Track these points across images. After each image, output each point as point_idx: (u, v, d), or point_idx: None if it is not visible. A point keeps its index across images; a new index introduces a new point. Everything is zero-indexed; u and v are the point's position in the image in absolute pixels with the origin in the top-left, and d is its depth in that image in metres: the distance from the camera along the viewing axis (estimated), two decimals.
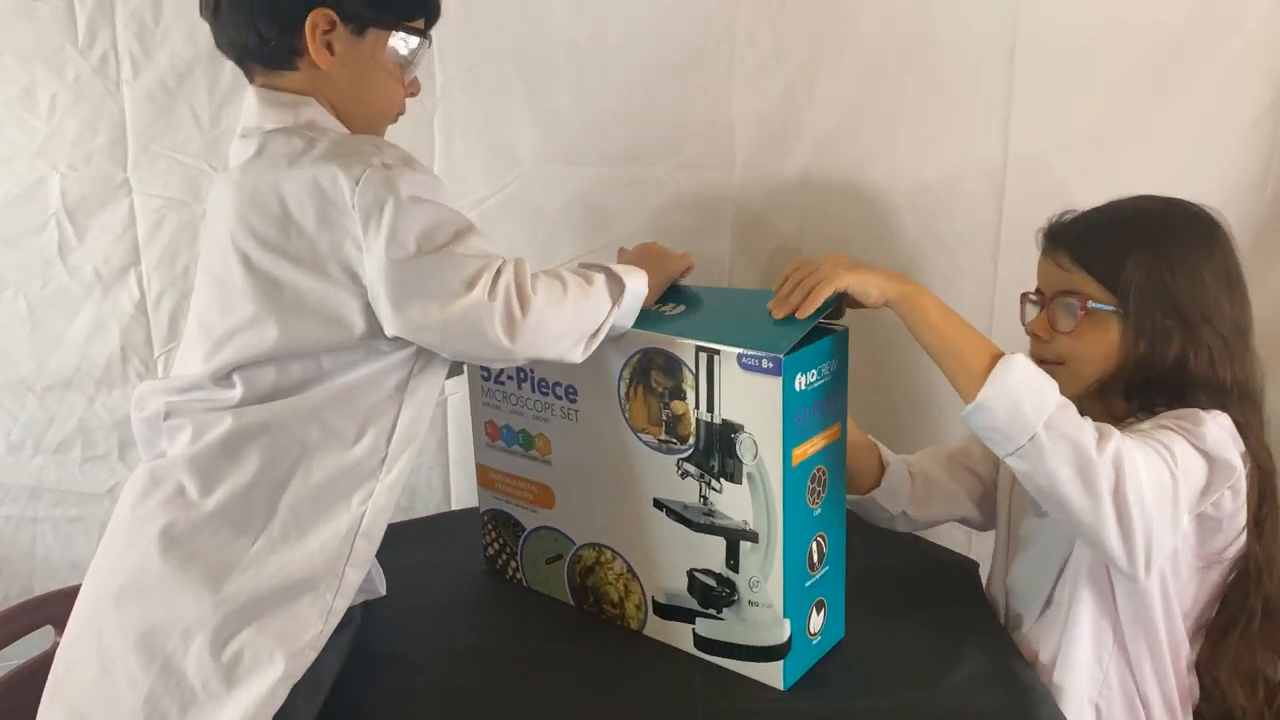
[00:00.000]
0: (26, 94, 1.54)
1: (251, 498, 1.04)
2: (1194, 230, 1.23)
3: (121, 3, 1.52)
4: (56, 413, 1.67)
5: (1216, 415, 1.17)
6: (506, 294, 1.00)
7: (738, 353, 1.04)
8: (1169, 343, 1.19)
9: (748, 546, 1.10)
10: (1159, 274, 1.19)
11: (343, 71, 1.08)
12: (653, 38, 1.61)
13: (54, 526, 1.72)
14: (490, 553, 1.38)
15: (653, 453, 1.14)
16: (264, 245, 1.03)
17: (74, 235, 1.60)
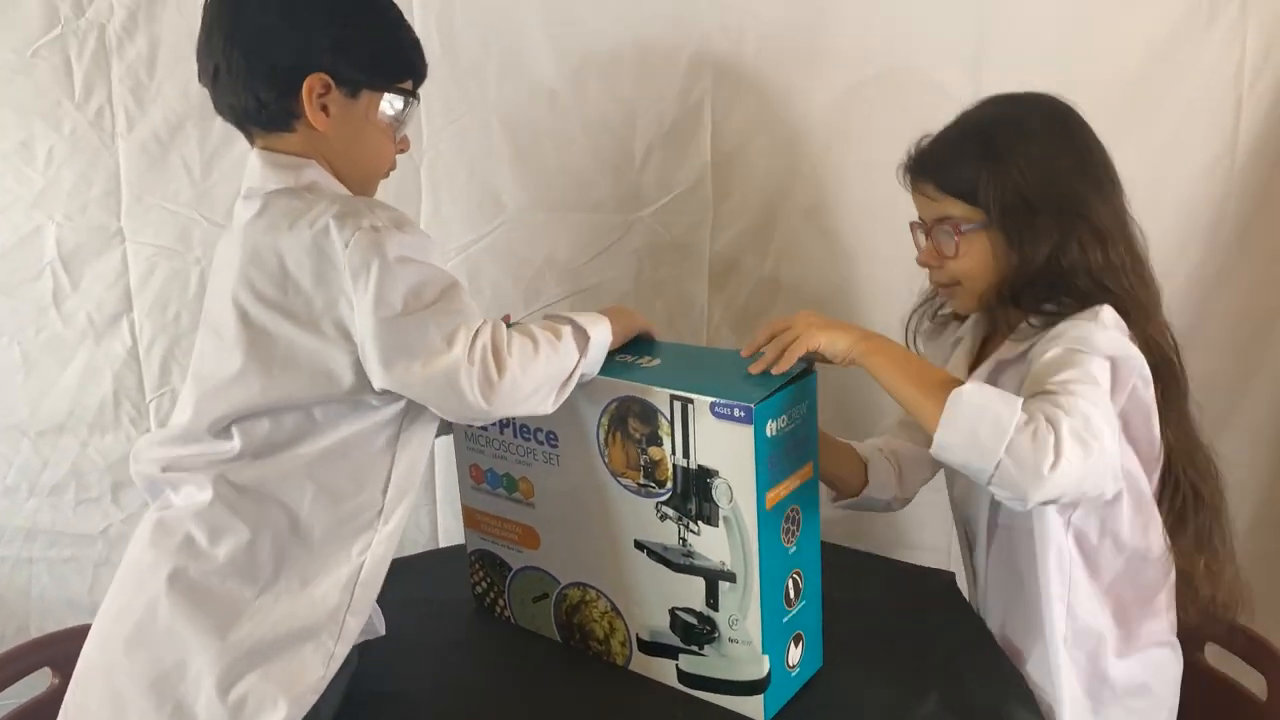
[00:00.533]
0: (24, 147, 1.57)
1: (256, 550, 1.07)
2: (1041, 128, 1.25)
3: (117, 59, 1.56)
4: (50, 456, 1.69)
5: (1100, 315, 1.19)
6: (483, 356, 1.04)
7: (710, 401, 1.08)
8: (1037, 243, 1.22)
9: (726, 586, 1.13)
10: (1012, 180, 1.21)
11: (338, 132, 1.12)
12: (631, 89, 1.66)
13: (49, 567, 1.74)
14: (478, 591, 1.40)
15: (632, 496, 1.18)
16: (262, 301, 1.07)
17: (68, 283, 1.63)
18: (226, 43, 1.10)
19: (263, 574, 1.08)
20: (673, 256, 1.74)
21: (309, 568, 1.09)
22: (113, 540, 1.74)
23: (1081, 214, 1.21)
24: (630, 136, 1.68)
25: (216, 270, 1.18)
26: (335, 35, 1.10)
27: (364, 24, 1.13)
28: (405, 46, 1.18)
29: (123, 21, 1.54)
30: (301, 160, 1.13)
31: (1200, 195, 1.71)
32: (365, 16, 1.14)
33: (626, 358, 1.21)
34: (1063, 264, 1.21)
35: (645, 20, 1.63)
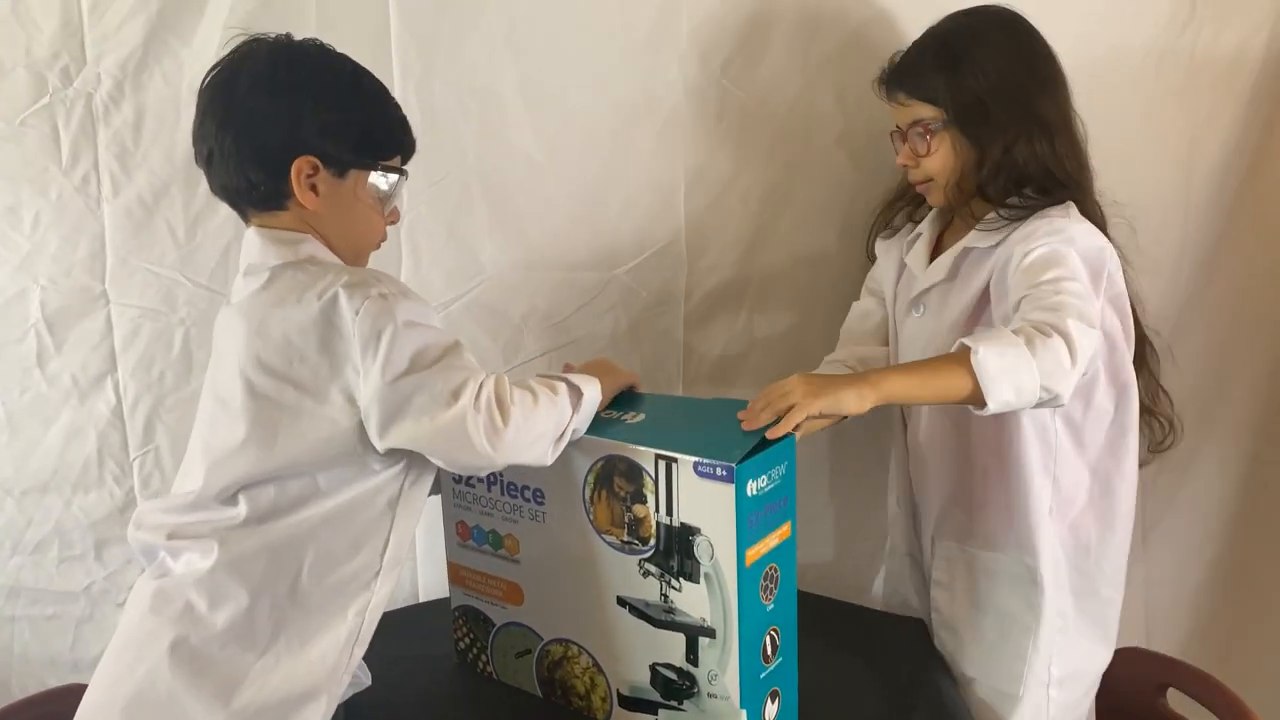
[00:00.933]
0: (11, 212, 1.59)
1: (256, 615, 1.09)
2: (993, 35, 1.39)
3: (104, 127, 1.58)
4: (34, 515, 1.70)
5: (1070, 211, 1.34)
6: (489, 408, 1.08)
7: (694, 461, 1.11)
8: (993, 138, 1.36)
9: (706, 642, 1.16)
10: (968, 82, 1.36)
11: (328, 209, 1.17)
12: (607, 151, 1.70)
13: (31, 625, 1.74)
14: (461, 646, 1.42)
15: (616, 553, 1.20)
16: (268, 372, 1.10)
17: (52, 345, 1.64)
18: (219, 128, 1.15)
19: (262, 638, 1.09)
20: (649, 312, 1.78)
21: (307, 629, 1.11)
22: (95, 598, 1.74)
23: (1031, 110, 1.36)
24: (606, 197, 1.72)
25: (219, 342, 1.21)
26: (322, 118, 1.14)
27: (350, 106, 1.17)
28: (391, 125, 1.22)
29: (109, 90, 1.56)
30: (298, 235, 1.17)
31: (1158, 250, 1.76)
32: (351, 99, 1.18)
33: (612, 413, 1.24)
34: (1017, 156, 1.36)
35: (619, 86, 1.67)
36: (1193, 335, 1.82)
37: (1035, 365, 1.14)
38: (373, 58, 1.56)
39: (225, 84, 1.15)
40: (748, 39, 1.67)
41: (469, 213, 1.70)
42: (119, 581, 1.73)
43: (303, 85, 1.15)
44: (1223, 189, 1.78)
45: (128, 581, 1.72)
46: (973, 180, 1.40)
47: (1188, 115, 1.73)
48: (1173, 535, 1.96)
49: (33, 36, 1.53)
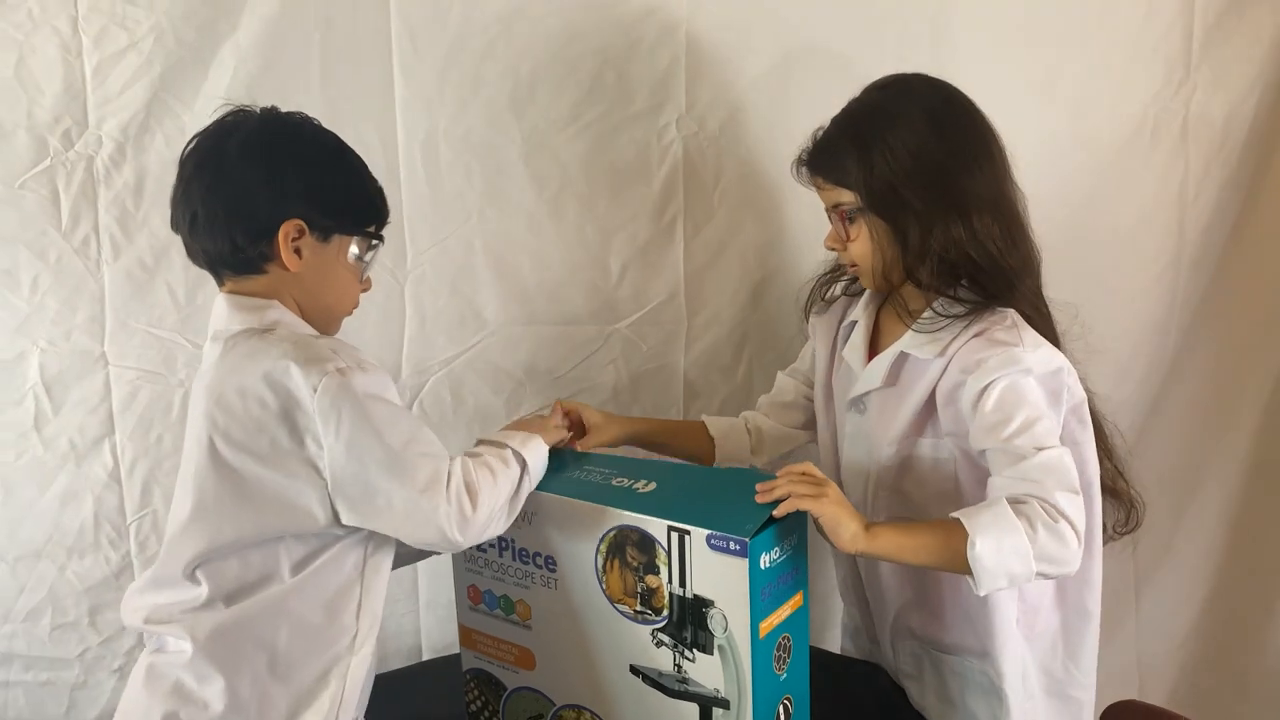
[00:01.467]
0: (9, 275, 1.57)
1: (239, 693, 1.09)
2: (910, 111, 1.28)
3: (104, 190, 1.56)
4: (27, 581, 1.66)
5: (1013, 328, 1.26)
6: (459, 495, 1.10)
7: (706, 534, 1.10)
8: (910, 225, 1.26)
9: (720, 713, 1.14)
10: (879, 166, 1.25)
11: (309, 273, 1.18)
12: (606, 210, 1.70)
13: (25, 690, 1.70)
14: (473, 710, 1.39)
15: (629, 622, 1.19)
16: (229, 442, 1.10)
17: (50, 408, 1.61)
18: (207, 193, 1.16)
19: (249, 715, 1.09)
20: (649, 366, 1.77)
21: (294, 702, 1.11)
22: (89, 664, 1.70)
23: (949, 193, 1.25)
24: (606, 254, 1.72)
25: (189, 416, 1.21)
26: (309, 184, 1.17)
27: (335, 174, 1.20)
28: (371, 194, 1.25)
29: (110, 153, 1.55)
30: (265, 301, 1.17)
31: (1150, 304, 1.80)
32: (336, 167, 1.21)
33: (623, 481, 1.22)
34: (935, 243, 1.26)
35: (620, 147, 1.67)
36: (1184, 383, 1.84)
37: (1032, 553, 1.12)
38: (377, 120, 1.60)
39: (214, 150, 1.17)
40: (744, 101, 1.68)
41: (471, 270, 1.69)
42: (114, 648, 1.70)
43: (292, 152, 1.17)
44: (1213, 245, 1.80)
45: (123, 647, 1.70)
46: (898, 268, 1.30)
47: (1181, 175, 1.75)
48: (1163, 587, 1.96)
49: (34, 99, 1.52)
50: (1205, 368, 1.85)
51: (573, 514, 1.21)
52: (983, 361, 1.23)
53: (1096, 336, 1.39)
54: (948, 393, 1.27)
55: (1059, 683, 1.40)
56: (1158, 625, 1.97)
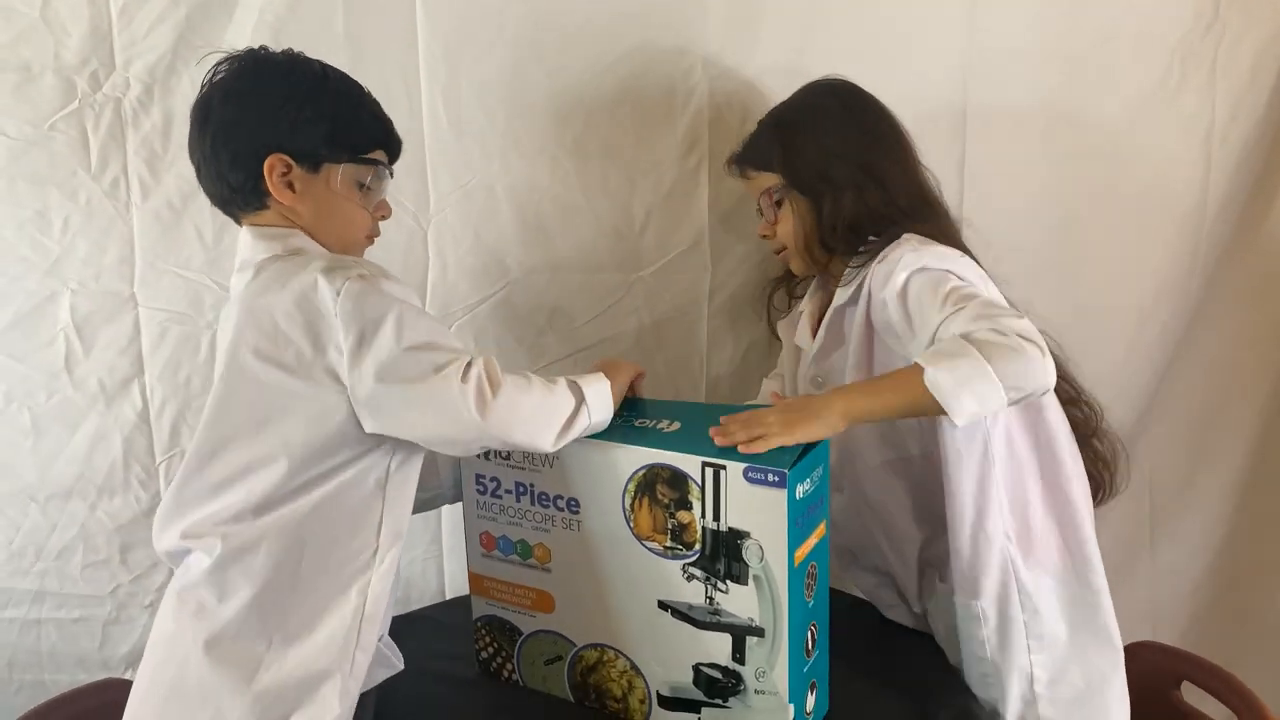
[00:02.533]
0: (40, 216, 1.55)
1: (263, 603, 1.11)
2: (824, 101, 1.43)
3: (133, 131, 1.54)
4: (59, 520, 1.66)
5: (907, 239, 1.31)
6: (478, 379, 1.08)
7: (744, 467, 1.09)
8: (825, 195, 1.39)
9: (754, 641, 1.14)
10: (796, 145, 1.41)
11: (306, 205, 1.19)
12: (631, 155, 1.68)
13: (58, 626, 1.70)
14: (483, 657, 1.37)
15: (657, 559, 1.18)
16: (258, 356, 1.11)
17: (81, 349, 1.60)
18: (200, 139, 1.20)
19: (272, 624, 1.11)
20: (672, 314, 1.75)
21: (314, 613, 1.12)
22: (122, 600, 1.70)
23: (860, 163, 1.38)
24: (630, 200, 1.69)
25: (219, 339, 1.23)
26: (291, 116, 1.16)
27: (319, 103, 1.18)
28: (363, 120, 1.23)
29: (138, 95, 1.53)
30: (286, 230, 1.19)
31: (1175, 247, 1.77)
32: (317, 96, 1.19)
33: (646, 422, 1.21)
34: (847, 207, 1.37)
35: (644, 89, 1.64)
36: (1207, 329, 1.82)
37: (991, 370, 1.12)
38: (400, 63, 1.57)
39: (204, 99, 1.19)
40: (773, 43, 1.65)
41: (494, 217, 1.67)
42: (145, 584, 1.70)
43: (268, 89, 1.18)
44: (1241, 186, 1.77)
45: (154, 584, 1.70)
46: (820, 239, 1.42)
47: (1209, 117, 1.72)
48: (1177, 532, 1.95)
49: (61, 41, 1.49)
50: (1229, 314, 1.83)
51: (598, 455, 1.19)
52: (889, 274, 1.28)
53: (1121, 276, 1.37)
54: (878, 317, 1.32)
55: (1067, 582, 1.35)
56: (1172, 570, 1.96)
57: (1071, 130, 1.44)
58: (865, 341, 1.37)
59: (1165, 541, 1.95)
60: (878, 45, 1.65)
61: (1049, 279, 1.47)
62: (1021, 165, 1.70)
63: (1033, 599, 1.30)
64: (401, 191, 1.60)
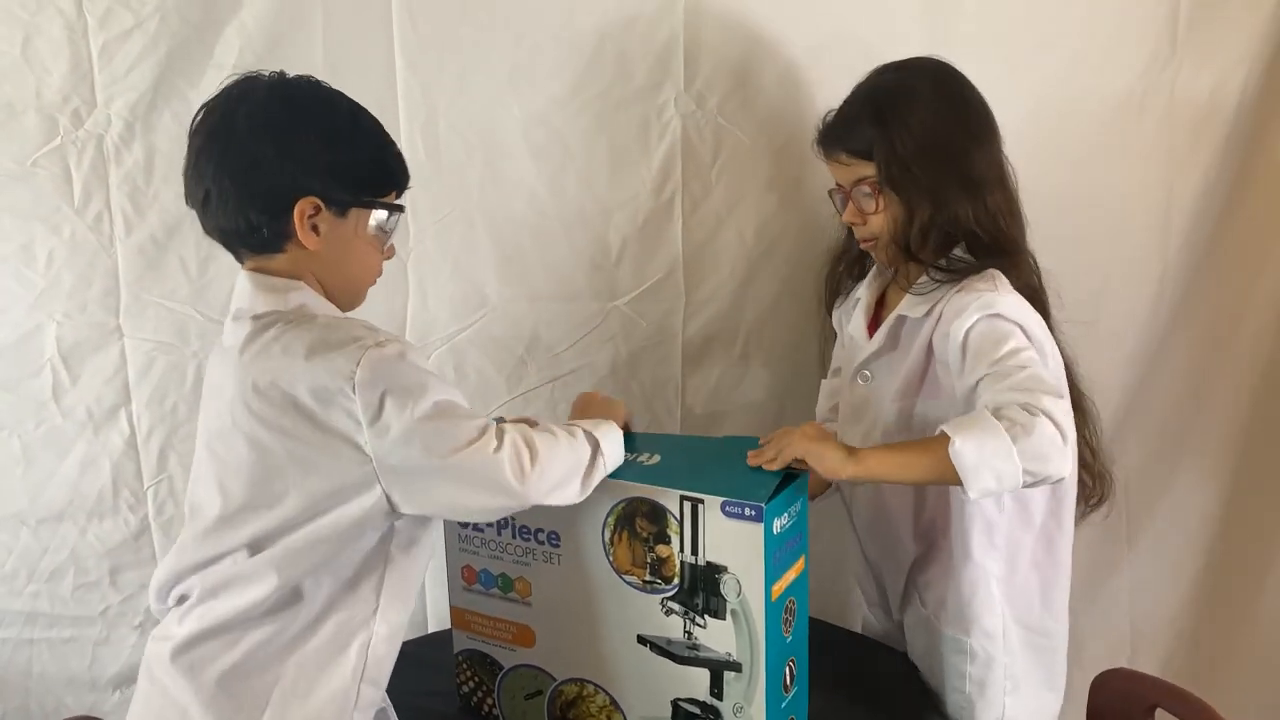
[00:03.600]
0: (25, 250, 1.45)
1: (262, 658, 0.99)
2: (924, 89, 1.24)
3: (115, 167, 1.44)
4: (50, 543, 1.55)
5: (995, 281, 1.19)
6: (514, 445, 0.97)
7: (721, 501, 1.01)
8: (922, 198, 1.21)
9: (731, 676, 1.05)
10: (898, 140, 1.21)
11: (329, 250, 1.04)
12: (606, 187, 1.58)
13: (50, 647, 1.60)
14: (464, 691, 1.27)
15: (636, 592, 1.09)
16: (268, 427, 0.97)
17: (68, 379, 1.50)
18: (216, 169, 1.01)
19: (270, 681, 0.99)
20: (648, 342, 1.65)
21: (313, 672, 1.01)
22: (111, 620, 1.60)
23: (960, 167, 1.22)
24: (606, 231, 1.60)
25: (211, 394, 1.08)
26: (325, 160, 1.02)
27: (350, 145, 1.05)
28: (389, 162, 1.09)
29: (120, 132, 1.43)
30: (289, 282, 1.04)
31: (1139, 278, 1.68)
32: (351, 138, 1.05)
33: (628, 455, 1.12)
34: (945, 215, 1.22)
35: (619, 123, 1.55)
36: (1175, 356, 1.72)
37: (1015, 452, 1.01)
38: (378, 98, 1.46)
39: (222, 124, 1.02)
40: (744, 78, 1.56)
41: (473, 247, 1.57)
42: (134, 605, 1.60)
43: (303, 125, 1.02)
44: (1201, 221, 1.68)
45: (143, 604, 1.60)
46: (909, 240, 1.25)
47: (1167, 152, 1.63)
48: (1156, 556, 1.83)
49: (42, 80, 1.40)
50: (1196, 338, 1.73)
51: None
52: (963, 308, 1.16)
53: (1084, 306, 1.29)
54: (939, 345, 1.21)
55: (1036, 634, 1.31)
56: (1150, 595, 1.84)
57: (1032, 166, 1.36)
58: (922, 362, 1.25)
59: (1143, 562, 1.83)
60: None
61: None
62: None
63: (1013, 643, 1.23)
64: None
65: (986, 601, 1.23)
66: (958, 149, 1.22)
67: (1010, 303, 1.17)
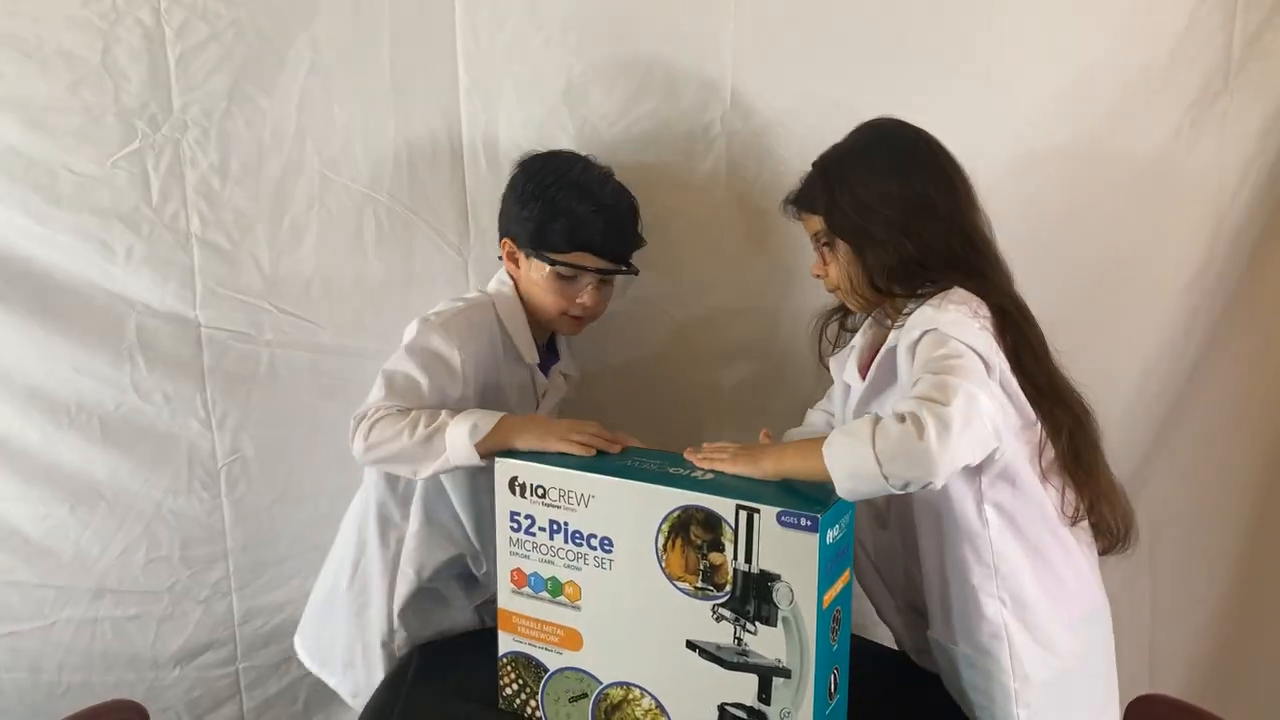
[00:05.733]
0: (104, 246, 1.32)
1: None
2: (874, 146, 1.12)
3: (191, 169, 1.31)
4: (125, 519, 1.42)
5: (944, 297, 1.03)
6: (359, 418, 1.10)
7: (777, 511, 0.86)
8: (873, 245, 1.08)
9: (780, 682, 0.90)
10: (835, 192, 1.11)
11: (520, 277, 1.24)
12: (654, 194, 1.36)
13: (113, 625, 1.45)
14: (508, 693, 1.10)
15: (687, 599, 0.94)
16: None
17: (144, 365, 1.37)
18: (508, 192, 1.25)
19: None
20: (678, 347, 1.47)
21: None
22: (178, 596, 1.46)
23: (898, 218, 1.07)
24: (656, 237, 1.35)
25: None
26: (514, 211, 1.22)
27: (528, 208, 1.20)
28: (556, 228, 1.18)
29: (195, 137, 1.30)
30: (505, 279, 1.26)
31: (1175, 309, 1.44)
32: (530, 203, 1.19)
33: (680, 470, 0.98)
34: (892, 259, 1.07)
35: (667, 142, 1.39)
36: (1207, 387, 1.49)
37: (872, 454, 0.86)
38: (443, 108, 1.35)
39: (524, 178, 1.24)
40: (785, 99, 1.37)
41: None
42: (202, 579, 1.47)
43: (511, 185, 1.25)
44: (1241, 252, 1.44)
45: (210, 579, 1.47)
46: (867, 285, 1.11)
47: (1217, 184, 1.40)
48: (1176, 582, 1.60)
49: (121, 86, 1.27)
50: (1228, 370, 1.50)
51: (635, 496, 0.96)
52: (911, 327, 1.01)
53: (1120, 339, 1.11)
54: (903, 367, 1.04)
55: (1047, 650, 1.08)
56: (1171, 622, 1.62)
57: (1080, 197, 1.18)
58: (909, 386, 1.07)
59: (1166, 590, 1.60)
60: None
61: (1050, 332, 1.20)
62: (1033, 216, 1.35)
63: (1020, 656, 1.05)
64: (445, 225, 1.39)
65: (978, 614, 1.05)
66: (894, 195, 1.08)
67: (948, 318, 0.99)
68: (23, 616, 1.42)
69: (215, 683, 1.50)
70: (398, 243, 1.38)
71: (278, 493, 1.45)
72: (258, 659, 1.51)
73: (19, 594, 1.42)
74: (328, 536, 1.42)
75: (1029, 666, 1.05)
